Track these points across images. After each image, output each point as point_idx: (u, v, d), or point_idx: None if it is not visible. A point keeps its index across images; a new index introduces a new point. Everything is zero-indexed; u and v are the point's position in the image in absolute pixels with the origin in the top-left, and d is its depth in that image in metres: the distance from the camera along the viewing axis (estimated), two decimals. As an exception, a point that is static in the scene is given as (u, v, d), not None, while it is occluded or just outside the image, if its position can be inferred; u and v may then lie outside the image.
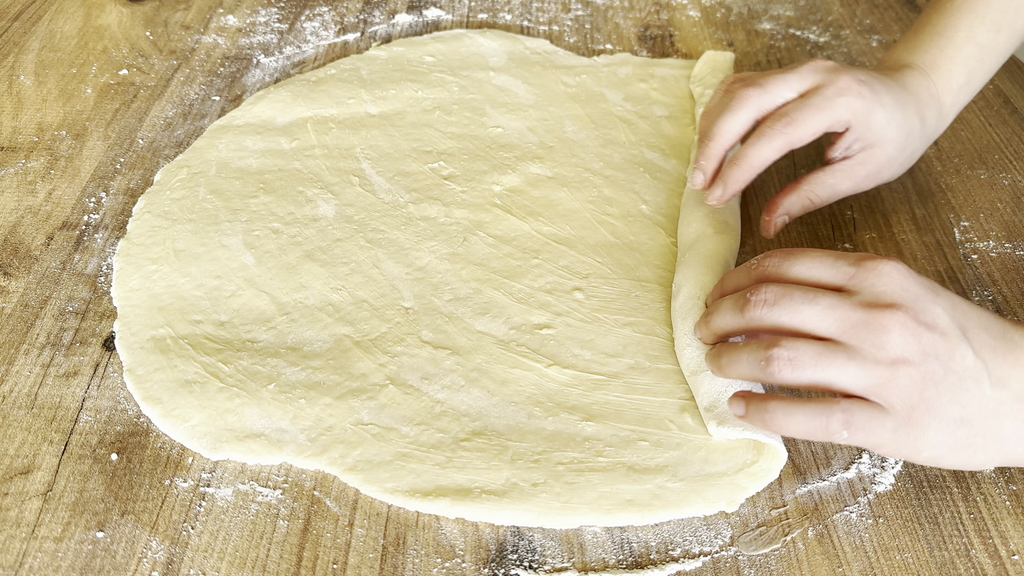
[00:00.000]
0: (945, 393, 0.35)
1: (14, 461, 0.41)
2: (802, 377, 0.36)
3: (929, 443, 0.36)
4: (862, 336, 0.35)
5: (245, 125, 0.60)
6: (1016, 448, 0.36)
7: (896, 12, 0.75)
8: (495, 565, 0.38)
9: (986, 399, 0.36)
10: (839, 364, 0.35)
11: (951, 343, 0.35)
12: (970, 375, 0.35)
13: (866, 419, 0.35)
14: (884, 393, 0.35)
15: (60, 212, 0.54)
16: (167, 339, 0.46)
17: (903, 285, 0.36)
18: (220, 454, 0.41)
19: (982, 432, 0.36)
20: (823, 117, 0.46)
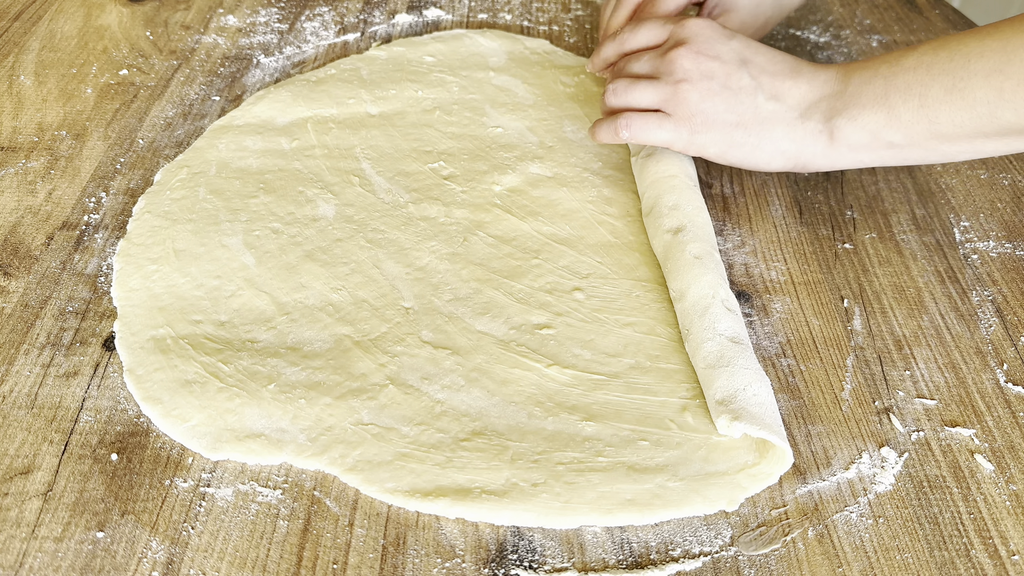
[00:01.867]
0: (721, 104, 0.49)
1: (14, 461, 0.41)
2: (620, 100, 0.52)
3: (711, 141, 0.49)
4: (660, 67, 0.51)
5: (245, 125, 0.60)
6: (789, 147, 0.49)
7: (896, 12, 0.75)
8: (495, 565, 0.38)
9: (760, 109, 0.49)
10: (641, 87, 0.51)
11: (728, 67, 0.49)
12: (745, 91, 0.49)
13: (643, 121, 0.50)
14: (671, 105, 0.50)
15: (60, 212, 0.54)
16: (167, 339, 0.46)
17: (696, 31, 0.50)
18: (220, 454, 0.41)
19: (756, 133, 0.49)
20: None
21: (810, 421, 0.43)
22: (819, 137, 0.48)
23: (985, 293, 0.50)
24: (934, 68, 0.44)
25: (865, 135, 0.47)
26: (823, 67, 0.49)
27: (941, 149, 0.46)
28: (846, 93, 0.47)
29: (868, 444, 0.42)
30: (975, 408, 0.44)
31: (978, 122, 0.43)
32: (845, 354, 0.47)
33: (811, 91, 0.48)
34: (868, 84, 0.46)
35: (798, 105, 0.48)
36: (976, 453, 0.42)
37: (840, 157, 0.48)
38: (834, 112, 0.47)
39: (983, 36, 0.43)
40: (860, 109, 0.46)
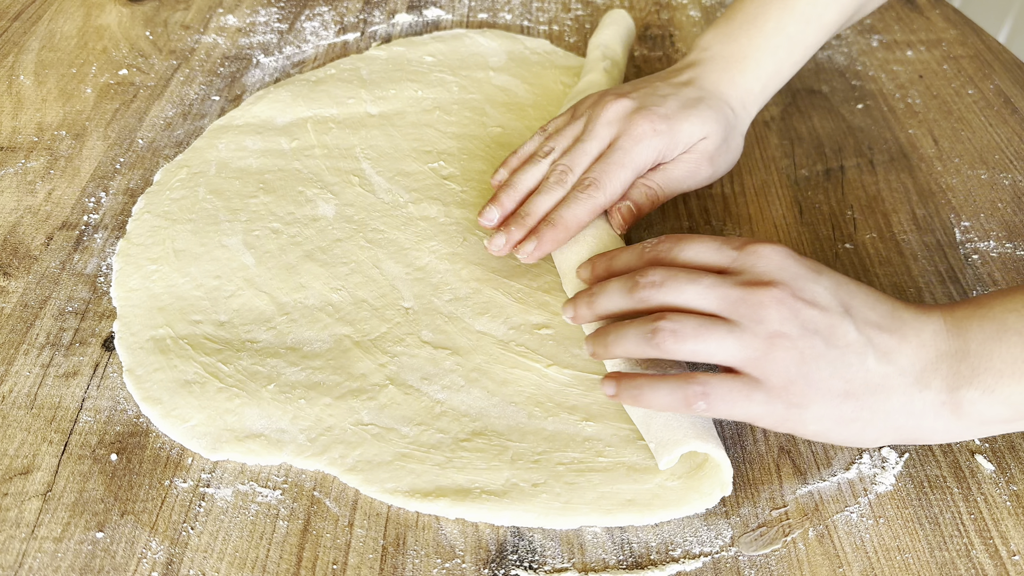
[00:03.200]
0: (826, 367, 0.36)
1: (14, 461, 0.41)
2: (684, 348, 0.37)
3: (813, 417, 0.36)
4: (742, 311, 0.37)
5: (245, 125, 0.60)
6: (906, 422, 0.37)
7: (896, 12, 0.75)
8: (495, 565, 0.38)
9: (871, 374, 0.36)
10: (719, 336, 0.36)
11: (832, 319, 0.37)
12: (853, 350, 0.36)
13: (726, 390, 0.36)
14: (761, 366, 0.36)
15: (60, 212, 0.54)
16: (167, 339, 0.46)
17: (782, 265, 0.38)
18: (220, 454, 0.41)
19: (868, 406, 0.36)
20: (626, 173, 0.47)
21: (810, 421, 0.43)
22: (941, 410, 0.37)
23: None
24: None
25: (1005, 409, 0.36)
26: (926, 312, 0.38)
27: None
28: (969, 353, 0.36)
29: (868, 444, 0.42)
30: (976, 408, 0.44)
31: None
32: (845, 354, 0.47)
33: (922, 348, 0.37)
34: (998, 342, 0.36)
35: (912, 369, 0.37)
36: (977, 453, 0.42)
37: (968, 432, 0.38)
38: (960, 380, 0.36)
39: None
40: (996, 378, 0.36)
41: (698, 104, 0.49)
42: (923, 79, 0.67)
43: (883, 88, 0.66)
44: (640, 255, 0.42)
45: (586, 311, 0.42)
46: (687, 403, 0.36)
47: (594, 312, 0.41)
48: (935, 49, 0.70)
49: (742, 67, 0.52)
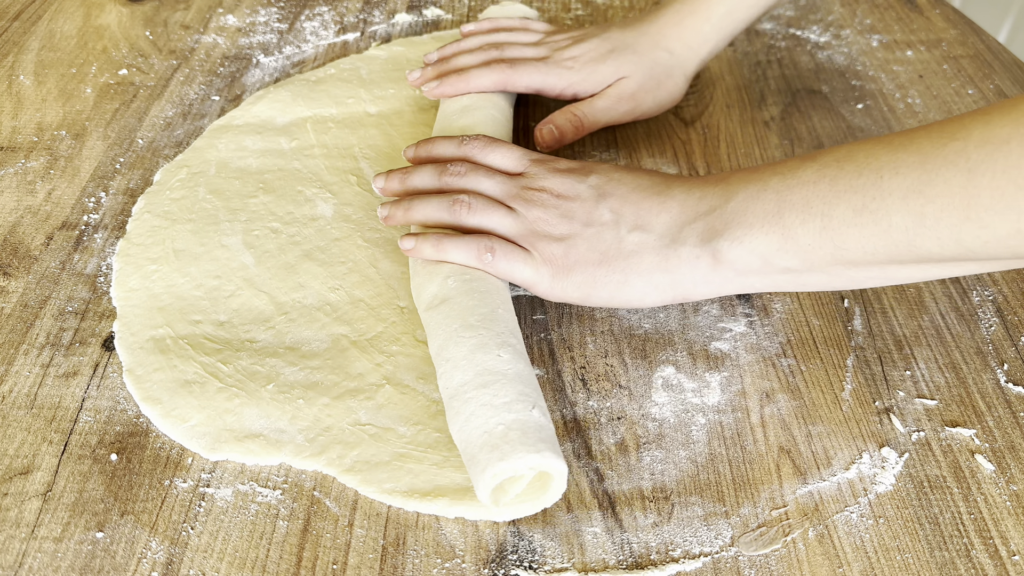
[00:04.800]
0: (583, 243, 0.43)
1: (14, 461, 0.41)
2: (473, 219, 0.45)
3: (574, 284, 0.43)
4: (518, 202, 0.45)
5: (245, 125, 0.60)
6: (663, 278, 0.42)
7: (897, 12, 0.75)
8: (495, 565, 0.37)
9: (624, 242, 0.43)
10: (500, 215, 0.45)
11: (587, 205, 0.44)
12: (607, 227, 0.43)
13: (509, 250, 0.44)
14: (530, 241, 0.44)
15: (60, 212, 0.54)
16: (167, 339, 0.46)
17: (557, 174, 0.46)
18: (219, 454, 0.41)
19: (621, 268, 0.43)
20: (537, 77, 0.57)
21: (811, 421, 0.43)
22: (697, 263, 0.41)
23: (986, 293, 0.50)
24: (839, 183, 0.37)
25: (755, 259, 0.40)
26: (699, 182, 0.43)
27: (847, 275, 0.39)
28: (727, 209, 0.41)
29: (868, 444, 0.42)
30: (976, 408, 0.44)
31: (893, 249, 0.36)
32: (845, 354, 0.47)
33: (683, 212, 0.42)
34: (756, 199, 0.40)
35: (667, 231, 0.42)
36: (977, 453, 0.42)
37: (726, 283, 0.42)
38: (713, 232, 0.41)
39: (895, 148, 0.36)
40: (747, 229, 0.39)
41: (624, 50, 0.57)
42: (923, 79, 0.67)
43: (883, 88, 0.66)
44: (457, 145, 0.49)
45: (397, 184, 0.49)
46: (479, 253, 0.43)
47: (404, 186, 0.49)
48: (935, 49, 0.70)
49: (691, 8, 0.57)
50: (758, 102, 0.65)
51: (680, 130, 0.62)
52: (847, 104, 0.64)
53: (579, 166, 0.47)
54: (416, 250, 0.45)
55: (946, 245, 0.35)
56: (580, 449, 0.42)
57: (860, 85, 0.66)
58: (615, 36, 0.58)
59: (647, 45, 0.58)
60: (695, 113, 0.64)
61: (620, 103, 0.57)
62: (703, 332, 0.47)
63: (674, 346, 0.47)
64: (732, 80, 0.67)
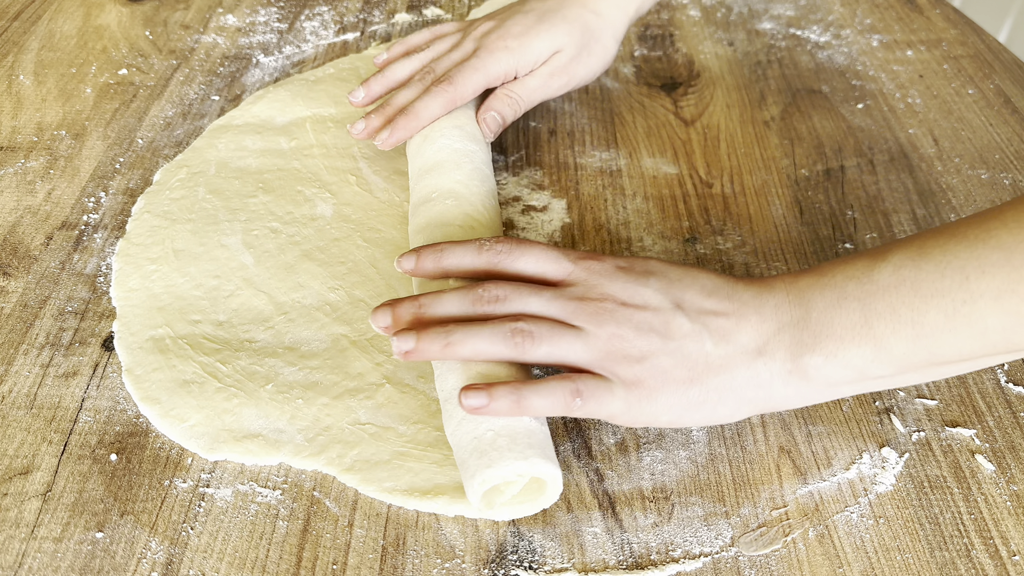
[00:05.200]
0: (667, 359, 0.38)
1: (13, 461, 0.41)
2: (540, 350, 0.38)
3: (664, 407, 0.38)
4: (583, 319, 0.39)
5: (244, 125, 0.60)
6: (756, 394, 0.39)
7: (897, 12, 0.75)
8: (495, 565, 0.37)
9: (711, 357, 0.38)
10: (569, 339, 0.39)
11: (664, 316, 0.39)
12: (690, 339, 0.39)
13: (595, 387, 0.38)
14: (608, 366, 0.38)
15: (59, 212, 0.54)
16: (166, 339, 0.46)
17: (612, 277, 0.40)
18: (218, 454, 0.41)
19: (714, 387, 0.38)
20: (479, 77, 0.54)
21: (811, 421, 0.43)
22: (789, 379, 0.39)
23: (986, 293, 0.50)
24: (922, 288, 0.36)
25: (849, 372, 0.38)
26: (765, 286, 0.40)
27: (940, 371, 0.38)
28: (811, 320, 0.38)
29: (869, 444, 0.42)
30: (976, 408, 0.44)
31: (991, 349, 0.36)
32: (845, 354, 0.47)
33: (762, 323, 0.39)
34: (838, 308, 0.38)
35: (754, 344, 0.39)
36: (977, 453, 0.42)
37: (818, 395, 0.40)
38: (803, 347, 0.38)
39: (972, 243, 0.35)
40: (837, 343, 0.37)
41: (553, 17, 0.55)
42: (923, 79, 0.67)
43: (883, 88, 0.66)
44: (476, 253, 0.42)
45: (409, 316, 0.40)
46: (566, 401, 0.38)
47: (431, 316, 0.40)
48: (935, 49, 0.70)
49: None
50: (758, 102, 0.65)
51: (680, 130, 0.62)
52: (847, 104, 0.64)
53: (629, 263, 0.41)
54: (491, 408, 0.37)
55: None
56: (580, 449, 0.42)
57: (860, 85, 0.66)
58: (537, 5, 0.56)
59: (574, 8, 0.55)
60: (695, 113, 0.64)
61: (553, 79, 0.56)
62: (703, 332, 0.47)
63: (674, 346, 0.47)
64: (732, 80, 0.67)
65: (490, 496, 0.37)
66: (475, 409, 0.37)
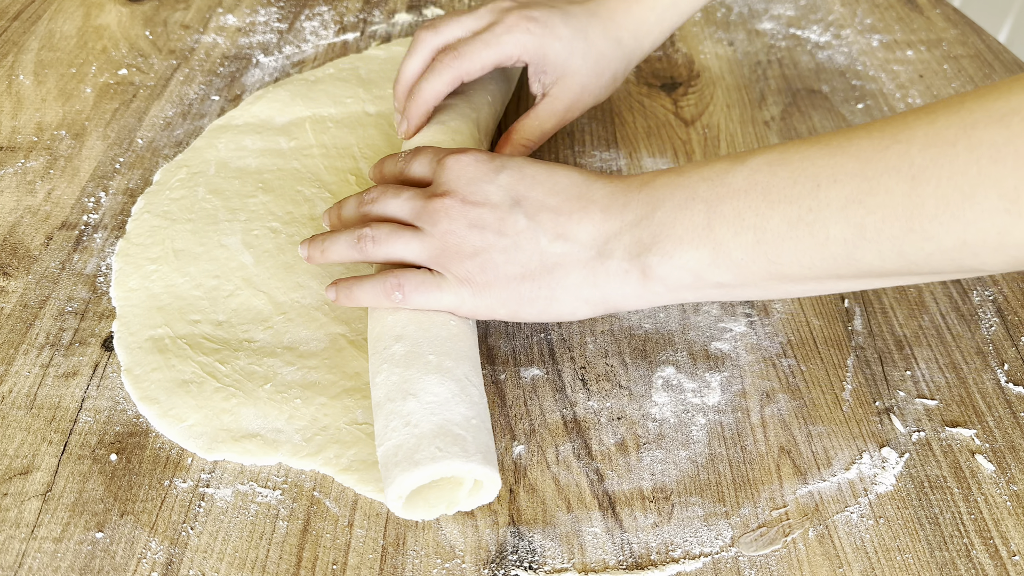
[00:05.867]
0: (499, 255, 0.39)
1: (13, 461, 0.41)
2: (380, 251, 0.41)
3: (498, 301, 0.40)
4: (423, 219, 0.41)
5: (244, 125, 0.60)
6: (592, 293, 0.39)
7: (897, 12, 0.75)
8: (495, 566, 0.37)
9: (546, 254, 0.39)
10: (405, 239, 0.41)
11: (500, 212, 0.40)
12: (525, 236, 0.39)
13: (419, 281, 0.40)
14: (441, 262, 0.40)
15: (59, 212, 0.54)
16: (165, 339, 0.46)
17: (460, 174, 0.41)
18: (216, 454, 0.41)
19: (547, 284, 0.39)
20: (490, 52, 0.50)
21: (811, 421, 0.43)
22: (627, 278, 0.38)
23: (986, 293, 0.50)
24: (772, 192, 0.34)
25: (686, 275, 0.37)
26: (622, 185, 0.40)
27: (783, 288, 0.37)
28: (654, 220, 0.38)
29: (869, 444, 0.42)
30: (976, 408, 0.44)
31: (831, 264, 0.34)
32: (846, 354, 0.47)
33: (606, 221, 0.39)
34: (684, 209, 0.37)
35: (592, 242, 0.39)
36: (977, 453, 0.42)
37: (657, 297, 0.39)
38: (641, 247, 0.38)
39: (833, 151, 0.33)
40: (676, 243, 0.37)
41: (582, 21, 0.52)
42: (923, 79, 0.67)
43: (883, 88, 0.66)
44: (393, 163, 0.46)
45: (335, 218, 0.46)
46: (386, 294, 0.40)
47: (339, 219, 0.46)
48: (935, 49, 0.70)
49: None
50: (758, 102, 0.65)
51: (680, 130, 0.62)
52: (847, 104, 0.64)
53: (488, 157, 0.42)
54: (338, 300, 0.43)
55: (887, 259, 0.32)
56: (580, 449, 0.42)
57: (860, 85, 0.66)
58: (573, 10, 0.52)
59: (597, 31, 0.52)
60: (695, 113, 0.64)
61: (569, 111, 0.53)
62: (703, 332, 0.47)
63: (674, 346, 0.47)
64: (732, 80, 0.67)
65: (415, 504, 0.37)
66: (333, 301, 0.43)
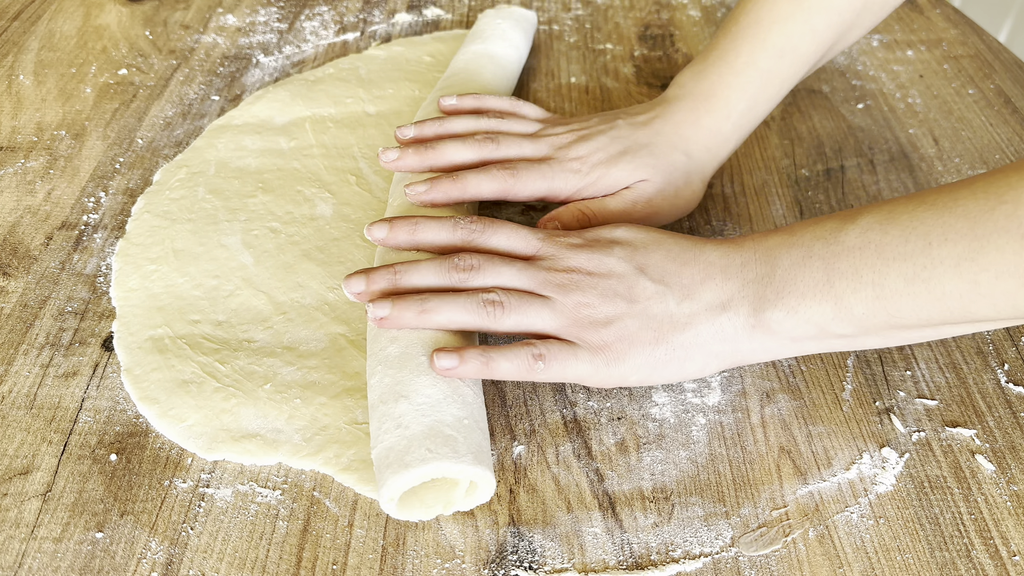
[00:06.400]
0: (633, 322, 0.40)
1: (13, 461, 0.41)
2: (510, 319, 0.40)
3: (632, 367, 0.40)
4: (551, 289, 0.41)
5: (244, 125, 0.60)
6: (722, 348, 0.40)
7: (897, 12, 0.75)
8: (495, 566, 0.37)
9: (675, 315, 0.40)
10: (537, 308, 0.40)
11: (627, 280, 0.41)
12: (654, 300, 0.40)
13: (557, 350, 0.40)
14: (575, 331, 0.40)
15: (59, 212, 0.54)
16: (165, 339, 0.46)
17: (578, 249, 0.42)
18: (216, 454, 0.41)
19: (680, 344, 0.40)
20: (542, 184, 0.48)
21: (811, 421, 0.43)
22: (752, 332, 0.40)
23: (986, 293, 0.50)
24: (886, 251, 0.36)
25: (810, 328, 0.39)
26: (733, 246, 0.41)
27: (901, 335, 0.39)
28: (775, 277, 0.39)
29: (869, 444, 0.42)
30: (976, 408, 0.44)
31: (948, 315, 0.36)
32: (846, 354, 0.47)
33: (727, 280, 0.40)
34: (802, 267, 0.39)
35: (718, 300, 0.40)
36: (977, 453, 0.42)
37: (783, 348, 0.40)
38: (765, 303, 0.39)
39: (940, 211, 0.35)
40: (799, 299, 0.38)
41: (640, 151, 0.50)
42: (923, 79, 0.67)
43: (883, 88, 0.66)
44: (452, 231, 0.43)
45: (386, 284, 0.41)
46: (528, 365, 0.39)
47: (397, 285, 0.41)
48: (935, 49, 0.70)
49: (709, 106, 0.50)
50: (758, 102, 0.65)
51: (680, 130, 0.62)
52: (848, 104, 0.64)
53: (594, 238, 0.43)
54: (461, 370, 0.39)
55: (1002, 310, 0.34)
56: (580, 449, 0.42)
57: (860, 85, 0.66)
58: (626, 135, 0.50)
59: (664, 147, 0.50)
60: (695, 113, 0.63)
61: (636, 208, 0.49)
62: (703, 332, 0.47)
63: (674, 346, 0.47)
64: (732, 80, 0.67)
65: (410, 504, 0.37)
66: (446, 370, 0.39)
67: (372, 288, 0.41)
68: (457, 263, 0.41)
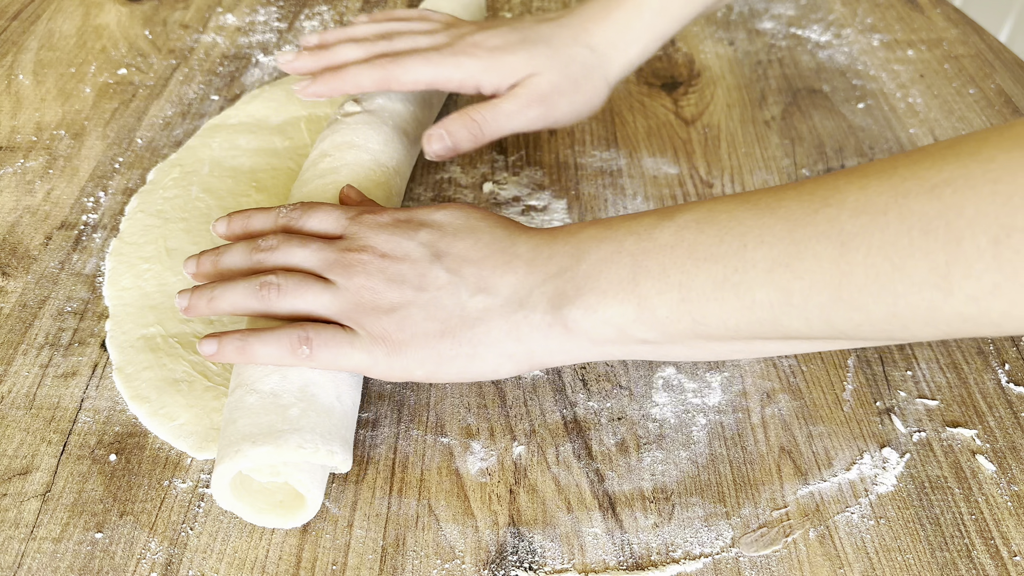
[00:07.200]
0: (418, 312, 0.37)
1: (12, 462, 0.41)
2: (285, 302, 0.38)
3: (416, 361, 0.37)
4: (336, 272, 0.39)
5: (239, 124, 0.60)
6: (516, 348, 0.37)
7: (897, 11, 0.75)
8: (495, 566, 0.37)
9: (467, 309, 0.37)
10: (316, 291, 0.38)
11: (420, 267, 0.38)
12: (446, 291, 0.38)
13: (329, 337, 0.37)
14: (354, 318, 0.38)
15: (58, 212, 0.54)
16: (157, 337, 0.46)
17: (379, 230, 0.40)
18: (207, 453, 0.41)
19: (467, 340, 0.37)
20: (427, 70, 0.48)
21: (812, 421, 0.43)
22: (550, 331, 0.37)
23: (987, 293, 0.50)
24: (698, 251, 0.33)
25: (610, 329, 0.36)
26: (548, 237, 0.39)
27: (709, 348, 0.36)
28: (578, 272, 0.36)
29: (869, 444, 0.42)
30: (977, 408, 0.44)
31: (757, 327, 0.33)
32: (846, 354, 0.47)
33: (530, 273, 0.37)
34: (609, 262, 0.36)
35: (515, 295, 0.37)
36: (978, 454, 0.42)
37: (583, 352, 0.37)
38: (564, 298, 0.36)
39: (762, 211, 0.32)
40: (599, 297, 0.35)
41: (538, 42, 0.49)
42: (924, 78, 0.67)
43: (884, 87, 0.66)
44: (275, 219, 0.43)
45: (209, 267, 0.42)
46: (292, 349, 0.37)
47: (217, 268, 0.42)
48: (936, 48, 0.70)
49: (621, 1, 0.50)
50: (759, 101, 0.65)
51: (680, 130, 0.62)
52: (848, 103, 0.64)
53: (407, 217, 0.41)
54: (219, 355, 0.38)
55: (815, 326, 0.31)
56: (580, 450, 0.42)
57: (861, 84, 0.66)
58: (529, 26, 0.50)
59: (565, 39, 0.49)
60: (695, 113, 0.63)
61: (529, 106, 0.48)
62: (703, 332, 0.47)
63: (674, 346, 0.47)
64: (733, 79, 0.67)
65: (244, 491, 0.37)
66: (209, 356, 0.38)
67: (200, 271, 0.42)
68: (259, 243, 0.41)
